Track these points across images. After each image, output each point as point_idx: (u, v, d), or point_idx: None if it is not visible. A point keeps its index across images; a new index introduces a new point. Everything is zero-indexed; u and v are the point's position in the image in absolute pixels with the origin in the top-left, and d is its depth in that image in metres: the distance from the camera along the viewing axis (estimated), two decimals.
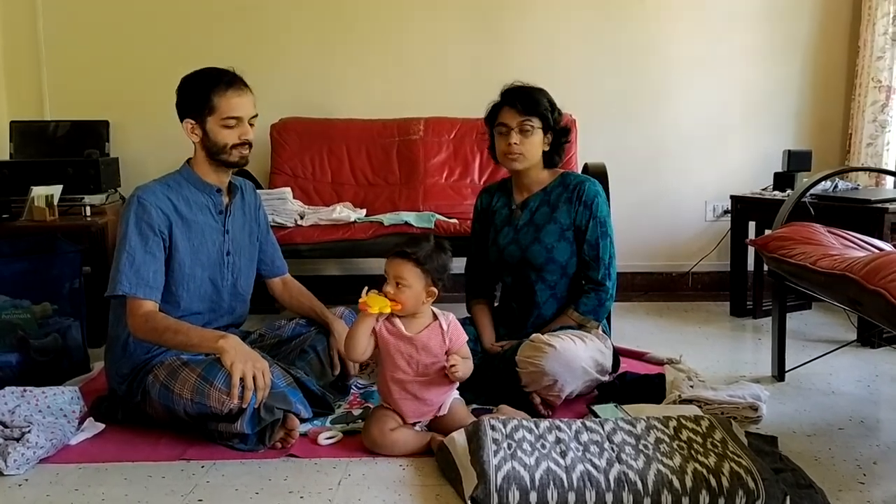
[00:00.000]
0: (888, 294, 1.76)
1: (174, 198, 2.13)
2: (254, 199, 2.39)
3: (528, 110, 2.32)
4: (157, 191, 2.12)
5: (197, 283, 2.16)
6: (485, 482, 1.65)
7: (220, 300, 2.24)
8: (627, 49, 3.72)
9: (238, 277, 2.28)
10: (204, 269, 2.18)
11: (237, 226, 2.28)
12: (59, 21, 3.73)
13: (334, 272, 3.88)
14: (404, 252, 1.96)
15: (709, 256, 3.79)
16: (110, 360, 2.18)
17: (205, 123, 2.13)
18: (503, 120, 2.34)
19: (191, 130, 2.14)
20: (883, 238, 2.62)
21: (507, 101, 2.35)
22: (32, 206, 3.02)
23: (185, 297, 2.14)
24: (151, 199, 2.09)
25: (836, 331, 3.15)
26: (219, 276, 2.22)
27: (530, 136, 2.33)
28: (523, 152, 2.33)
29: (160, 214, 2.08)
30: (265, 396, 1.93)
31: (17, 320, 2.55)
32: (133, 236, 2.05)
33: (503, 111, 2.36)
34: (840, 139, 3.77)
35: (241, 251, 2.29)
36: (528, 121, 2.32)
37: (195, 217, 2.16)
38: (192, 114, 2.13)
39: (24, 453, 1.88)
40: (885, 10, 3.43)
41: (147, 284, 2.05)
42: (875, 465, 1.90)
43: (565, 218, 2.37)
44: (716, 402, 2.15)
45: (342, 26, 3.72)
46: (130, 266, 2.04)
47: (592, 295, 2.35)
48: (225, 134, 2.13)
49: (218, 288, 2.22)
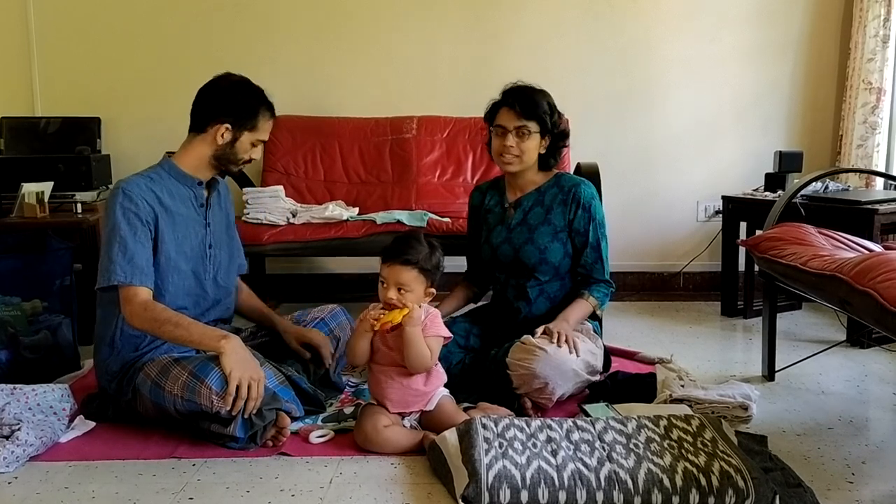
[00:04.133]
0: (877, 295, 1.77)
1: (157, 190, 2.11)
2: (226, 192, 2.38)
3: (527, 113, 2.30)
4: (141, 183, 2.10)
5: (181, 275, 2.15)
6: (476, 481, 1.65)
7: (203, 294, 2.22)
8: (620, 49, 3.73)
9: (219, 271, 2.27)
10: (188, 261, 2.16)
11: (216, 219, 2.28)
12: (51, 17, 3.71)
13: (325, 270, 3.88)
14: (406, 259, 1.96)
15: (700, 256, 3.81)
16: (98, 359, 2.16)
17: (240, 134, 2.14)
18: (500, 121, 2.34)
19: (222, 133, 2.12)
20: (873, 239, 2.63)
21: (506, 102, 2.34)
22: (23, 202, 3.01)
23: (171, 291, 2.12)
24: (137, 191, 2.07)
25: (825, 331, 3.16)
26: (202, 269, 2.21)
27: (527, 140, 2.32)
28: (519, 155, 2.33)
29: (146, 206, 2.06)
30: (256, 406, 1.92)
31: (8, 317, 2.54)
32: (122, 226, 2.03)
33: (502, 112, 2.34)
34: (831, 140, 3.79)
35: (221, 245, 2.28)
36: (526, 124, 2.31)
37: (178, 209, 2.15)
38: (234, 119, 2.13)
39: (13, 451, 1.87)
40: (876, 12, 3.45)
41: (142, 272, 2.03)
42: (864, 464, 1.91)
43: (559, 219, 2.37)
44: (706, 402, 2.16)
45: (336, 24, 3.71)
46: (123, 255, 2.01)
47: (602, 285, 2.38)
48: (250, 151, 2.19)
49: (201, 281, 2.21)
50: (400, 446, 1.95)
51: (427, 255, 1.99)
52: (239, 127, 2.13)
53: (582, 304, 2.34)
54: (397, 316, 1.93)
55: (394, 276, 1.96)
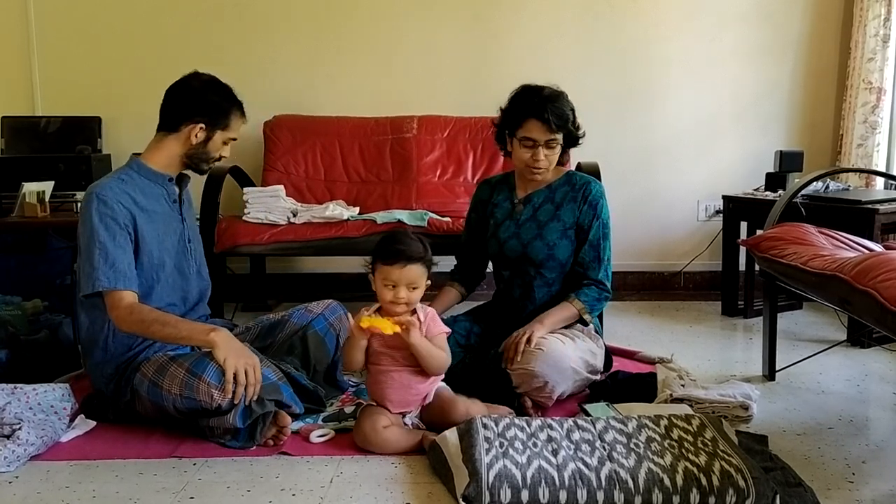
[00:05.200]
0: (878, 294, 1.77)
1: (131, 191, 2.10)
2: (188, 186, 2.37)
3: (559, 127, 2.28)
4: (114, 186, 2.08)
5: (167, 272, 2.15)
6: (476, 480, 1.65)
7: (189, 288, 2.23)
8: (620, 49, 3.73)
9: (200, 264, 2.29)
10: (171, 257, 2.17)
11: (189, 214, 2.29)
12: (51, 16, 3.71)
13: (326, 270, 3.87)
14: (411, 256, 1.95)
15: (701, 256, 3.81)
16: (91, 364, 2.16)
17: (214, 133, 2.15)
18: (531, 134, 2.28)
19: (196, 133, 2.13)
20: (873, 238, 2.63)
21: (537, 114, 2.26)
22: (24, 202, 3.01)
23: (157, 289, 2.13)
24: (110, 195, 2.05)
25: (826, 330, 3.16)
26: (184, 264, 2.22)
27: (555, 151, 2.32)
28: (547, 167, 2.34)
29: (122, 209, 2.05)
30: (256, 391, 1.93)
31: (8, 317, 2.54)
32: (100, 231, 2.02)
33: (531, 124, 2.27)
34: (831, 140, 3.79)
35: (196, 238, 2.31)
36: (556, 137, 2.29)
37: (154, 207, 2.14)
38: (209, 119, 2.13)
39: (14, 451, 1.87)
40: (876, 11, 3.45)
41: (125, 276, 2.02)
42: (864, 463, 1.91)
43: (569, 216, 2.37)
44: (707, 401, 2.16)
45: (336, 24, 3.71)
46: (105, 261, 2.01)
47: (594, 288, 2.35)
48: (222, 149, 2.20)
49: (185, 276, 2.22)
50: (399, 447, 1.95)
51: (423, 248, 1.99)
52: (213, 126, 2.14)
53: (564, 308, 2.31)
54: (388, 327, 1.90)
55: (404, 275, 1.94)
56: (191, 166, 2.20)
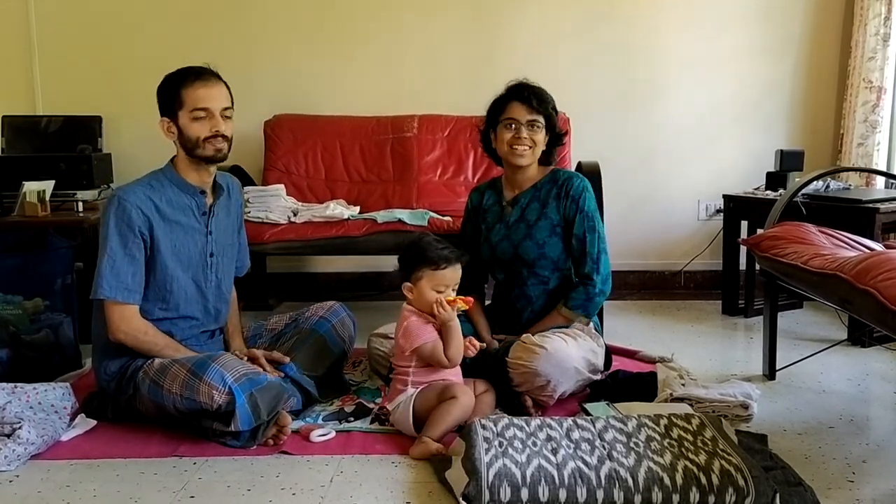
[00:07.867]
0: (878, 294, 1.77)
1: (156, 198, 2.11)
2: (239, 197, 2.38)
3: (539, 107, 2.34)
4: (139, 191, 2.10)
5: (180, 284, 2.15)
6: (476, 479, 1.65)
7: (206, 303, 2.23)
8: (621, 48, 3.73)
9: (222, 278, 2.27)
10: (185, 270, 2.16)
11: (220, 226, 2.25)
12: (52, 15, 3.71)
13: (326, 269, 3.87)
14: (450, 259, 2.08)
15: (701, 255, 3.81)
16: (97, 360, 2.17)
17: (177, 119, 2.12)
18: (512, 115, 2.35)
19: (167, 129, 2.14)
20: (874, 238, 2.63)
21: (516, 97, 2.35)
22: (24, 201, 3.01)
23: (175, 300, 2.14)
24: (132, 199, 2.06)
25: (826, 330, 3.16)
26: (202, 278, 2.20)
27: (538, 133, 2.35)
28: (531, 147, 2.35)
29: (140, 215, 2.06)
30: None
31: (9, 316, 2.54)
32: (113, 238, 2.04)
33: (512, 106, 2.35)
34: (832, 139, 3.79)
35: (224, 251, 2.28)
36: (537, 118, 2.34)
37: (177, 218, 2.14)
38: (166, 112, 2.13)
39: (14, 450, 1.88)
40: (876, 10, 3.45)
41: (126, 288, 2.05)
42: (864, 463, 1.91)
43: (555, 214, 2.38)
44: (707, 401, 2.15)
45: (336, 23, 3.71)
46: (111, 269, 2.03)
47: (581, 289, 2.35)
48: (196, 127, 2.10)
49: (202, 290, 2.21)
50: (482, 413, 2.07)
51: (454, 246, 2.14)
52: (172, 115, 2.12)
53: (553, 319, 2.36)
54: (463, 305, 2.08)
55: (456, 275, 2.11)
56: (200, 159, 2.14)
